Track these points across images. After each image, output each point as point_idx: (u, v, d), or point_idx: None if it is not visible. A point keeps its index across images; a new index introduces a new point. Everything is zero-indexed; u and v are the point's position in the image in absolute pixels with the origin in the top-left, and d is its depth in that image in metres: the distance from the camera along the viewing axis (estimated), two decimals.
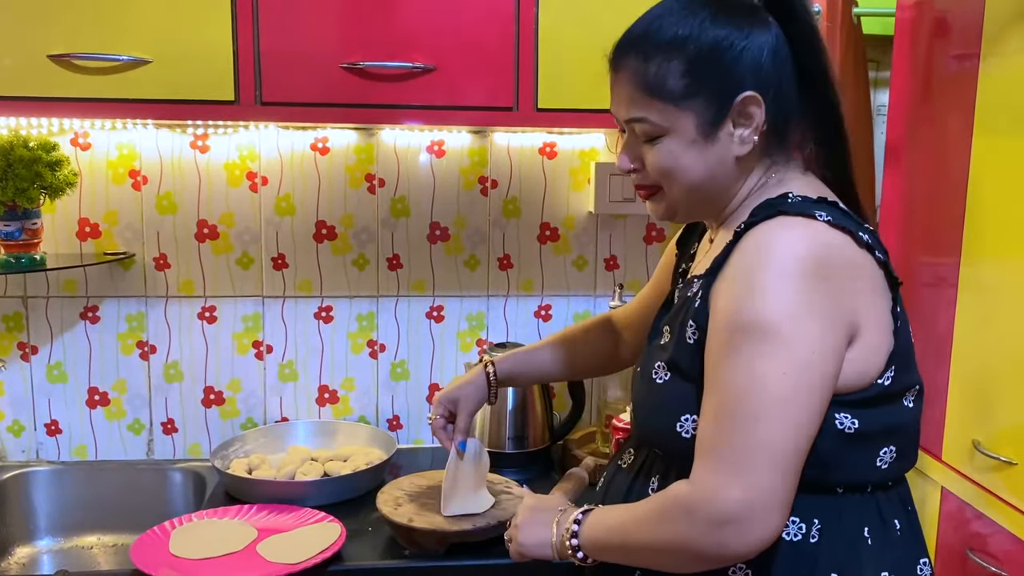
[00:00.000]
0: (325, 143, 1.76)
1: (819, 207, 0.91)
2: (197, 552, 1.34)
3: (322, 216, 1.78)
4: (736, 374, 0.85)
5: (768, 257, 0.87)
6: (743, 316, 0.86)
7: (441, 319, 1.85)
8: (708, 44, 0.94)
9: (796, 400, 0.84)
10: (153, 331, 1.79)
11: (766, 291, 0.85)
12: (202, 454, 1.83)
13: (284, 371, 1.83)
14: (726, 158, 0.97)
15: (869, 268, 0.92)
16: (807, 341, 0.85)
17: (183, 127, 1.72)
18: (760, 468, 0.83)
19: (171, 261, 1.77)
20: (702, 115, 0.95)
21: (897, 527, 0.97)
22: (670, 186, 0.99)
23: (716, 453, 0.86)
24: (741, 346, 0.85)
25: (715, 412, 0.87)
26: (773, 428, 0.84)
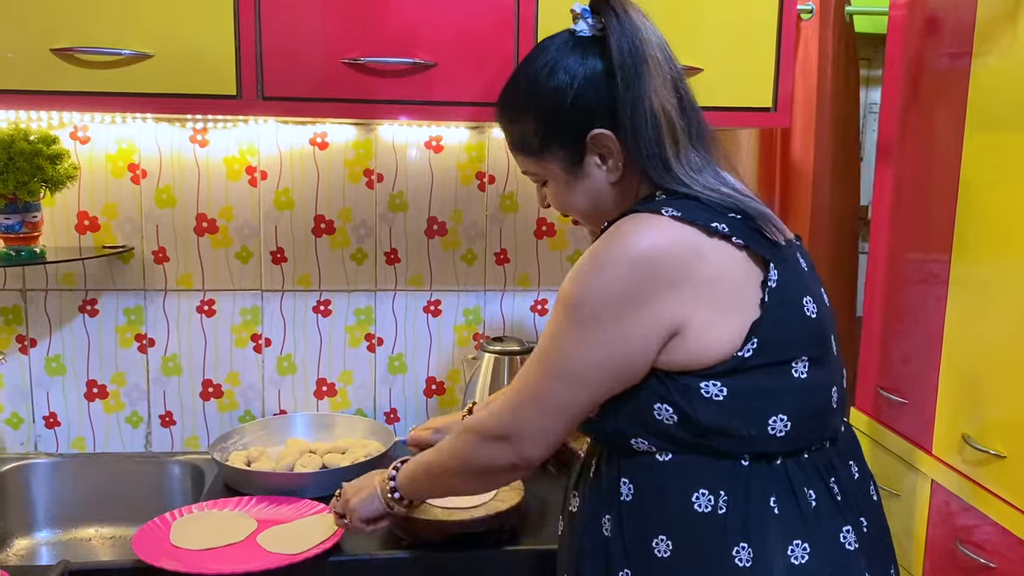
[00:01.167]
0: (324, 138, 1.77)
1: (672, 203, 1.00)
2: (198, 543, 1.36)
3: (321, 210, 1.79)
4: (545, 336, 1.02)
5: (598, 248, 0.98)
6: (562, 290, 1.00)
7: (439, 313, 1.86)
8: (546, 101, 1.05)
9: (575, 365, 0.99)
10: (152, 324, 1.79)
11: (585, 272, 0.98)
12: (200, 447, 1.84)
13: (282, 364, 1.84)
14: (601, 186, 1.07)
15: (720, 255, 0.98)
16: (610, 324, 0.96)
17: (182, 121, 1.73)
18: (529, 409, 1.02)
19: (170, 255, 1.78)
20: (563, 160, 1.07)
21: (812, 497, 1.00)
22: (573, 216, 1.13)
23: (512, 394, 1.05)
24: (556, 313, 1.01)
25: (528, 364, 1.04)
26: (555, 385, 1.01)
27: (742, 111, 1.47)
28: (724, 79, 1.44)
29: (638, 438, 1.01)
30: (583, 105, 1.03)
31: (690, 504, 0.98)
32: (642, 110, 1.01)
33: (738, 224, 1.00)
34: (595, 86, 1.03)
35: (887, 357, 1.75)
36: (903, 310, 1.71)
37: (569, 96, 1.03)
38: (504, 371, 1.72)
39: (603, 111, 1.03)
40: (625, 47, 1.01)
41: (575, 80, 1.03)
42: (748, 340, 0.97)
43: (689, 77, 1.41)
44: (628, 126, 1.01)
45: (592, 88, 1.03)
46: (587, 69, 1.03)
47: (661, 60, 1.03)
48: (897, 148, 1.74)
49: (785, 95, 1.43)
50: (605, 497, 1.05)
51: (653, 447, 1.01)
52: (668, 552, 0.99)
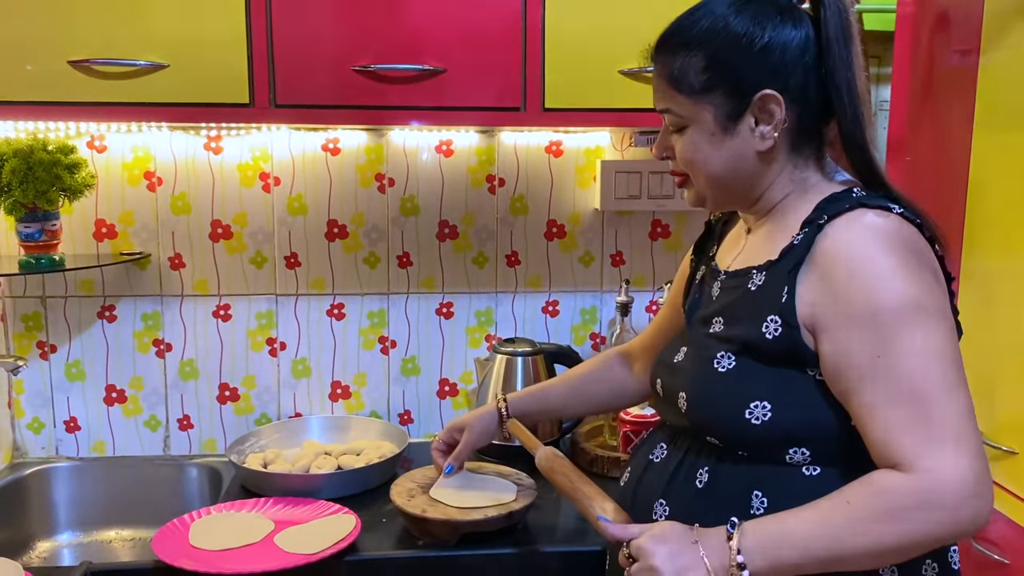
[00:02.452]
0: (336, 144, 1.79)
1: (886, 201, 0.94)
2: (216, 544, 1.37)
3: (333, 215, 1.81)
4: (907, 356, 0.86)
5: (875, 243, 0.90)
6: (886, 302, 0.87)
7: (451, 315, 1.88)
8: (728, 40, 0.97)
9: (960, 364, 0.89)
10: (169, 329, 1.82)
11: (896, 273, 0.88)
12: (217, 450, 1.86)
13: (297, 367, 1.86)
14: (746, 152, 1.00)
15: (935, 261, 0.95)
16: (944, 310, 0.90)
17: (196, 129, 1.75)
18: (973, 432, 0.86)
19: (186, 260, 1.80)
20: (720, 109, 0.99)
21: None
22: (695, 175, 1.04)
23: (924, 435, 0.85)
24: (899, 329, 0.87)
25: (896, 400, 0.86)
26: (963, 389, 0.87)
27: None
28: None
29: (799, 448, 0.95)
30: (769, 59, 0.97)
31: None
32: (853, 91, 0.96)
33: (934, 232, 0.97)
34: (785, 48, 0.97)
35: None
36: None
37: (758, 43, 0.96)
38: (516, 372, 1.73)
39: (782, 75, 0.97)
40: (837, 18, 0.96)
41: (767, 31, 0.97)
42: None
43: None
44: (844, 105, 0.96)
45: (782, 48, 0.97)
46: (783, 29, 0.97)
47: (859, 43, 0.98)
48: (906, 145, 1.73)
49: None
50: (723, 507, 0.97)
51: (810, 455, 0.96)
52: None
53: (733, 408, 0.97)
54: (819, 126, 1.02)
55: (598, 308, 1.91)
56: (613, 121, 1.60)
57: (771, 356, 0.96)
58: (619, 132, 1.84)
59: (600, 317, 1.92)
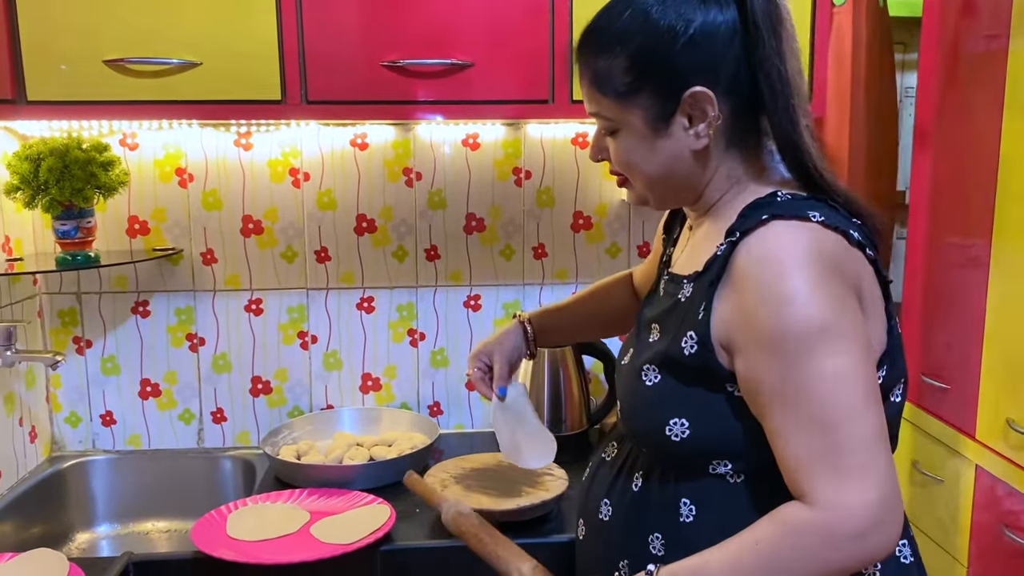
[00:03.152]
0: (364, 139, 1.80)
1: (811, 206, 0.90)
2: (254, 534, 1.39)
3: (362, 210, 1.83)
4: (811, 381, 0.84)
5: (785, 264, 0.85)
6: (791, 326, 0.84)
7: (478, 308, 1.89)
8: (650, 37, 0.92)
9: (871, 381, 0.86)
10: (202, 324, 1.84)
11: (801, 294, 0.84)
12: (250, 442, 1.88)
13: (329, 360, 1.88)
14: (681, 153, 0.95)
15: (862, 267, 0.91)
16: (855, 330, 0.86)
17: (227, 126, 1.77)
18: (878, 460, 0.83)
19: (218, 256, 1.82)
20: (649, 111, 0.94)
21: None
22: (632, 178, 1.00)
23: (827, 464, 0.83)
24: (802, 354, 0.84)
25: (802, 426, 0.84)
26: (870, 414, 0.84)
27: None
28: None
29: (721, 461, 0.95)
30: (694, 55, 0.91)
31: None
32: (782, 79, 0.90)
33: (863, 232, 0.92)
34: (712, 38, 0.90)
35: (928, 343, 1.74)
36: (944, 295, 1.70)
37: (682, 37, 0.90)
38: (544, 364, 1.74)
39: (711, 69, 0.91)
40: (764, 2, 0.90)
41: (691, 26, 0.90)
42: (879, 368, 0.92)
43: None
44: (768, 97, 0.90)
45: (708, 39, 0.90)
46: (708, 17, 0.91)
47: (791, 32, 0.93)
48: (935, 132, 1.73)
49: (820, 84, 1.43)
50: (652, 511, 0.99)
51: (732, 467, 0.95)
52: None
53: (655, 423, 0.96)
54: (756, 119, 0.96)
55: None
56: None
57: (689, 373, 0.94)
58: None
59: None
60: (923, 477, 1.73)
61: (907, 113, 2.43)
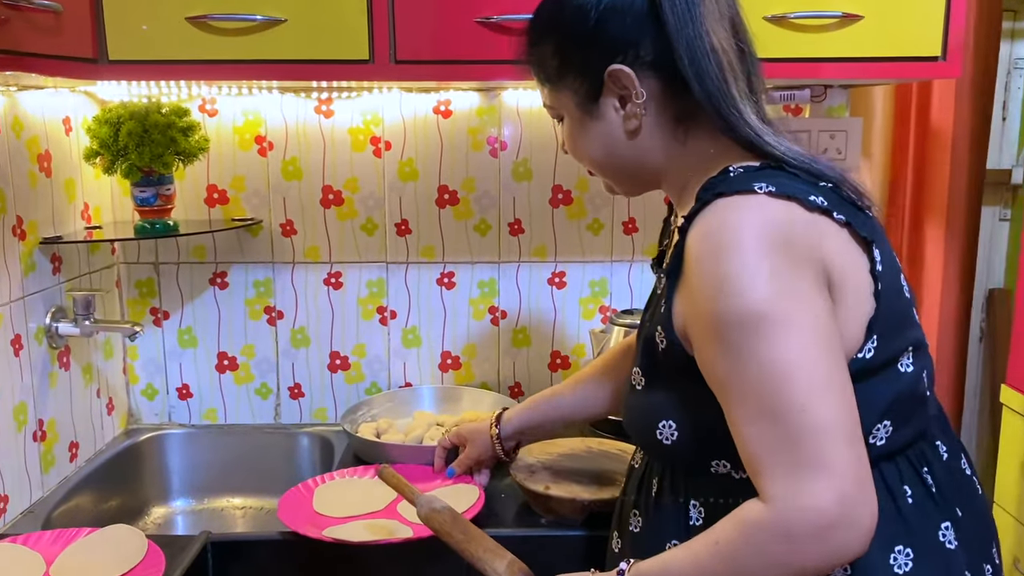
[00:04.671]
0: (448, 106, 1.73)
1: (760, 177, 0.85)
2: (340, 510, 1.35)
3: (444, 181, 1.76)
4: (755, 372, 0.79)
5: (723, 245, 0.81)
6: (728, 313, 0.80)
7: (563, 285, 1.81)
8: (567, 19, 0.93)
9: (827, 366, 0.79)
10: (280, 297, 1.80)
11: (738, 278, 0.79)
12: (328, 419, 1.85)
13: (407, 337, 1.83)
14: (616, 135, 0.95)
15: (827, 232, 0.85)
16: (804, 308, 0.80)
17: (308, 92, 1.71)
18: (834, 451, 0.77)
19: (297, 227, 1.78)
20: (578, 94, 0.95)
21: (909, 495, 0.89)
22: (583, 163, 1.01)
23: (779, 459, 0.78)
24: (743, 343, 0.79)
25: (751, 419, 0.80)
26: (825, 404, 0.78)
27: (907, 61, 1.34)
28: (886, 25, 1.32)
29: (719, 460, 0.90)
30: (605, 33, 0.91)
31: None
32: (702, 48, 0.87)
33: (832, 196, 0.87)
34: (624, 15, 0.90)
35: None
36: None
37: (591, 19, 0.91)
38: None
39: (629, 46, 0.90)
40: None
41: (602, 2, 0.90)
42: (868, 338, 0.86)
43: (847, 25, 1.33)
44: (687, 67, 0.87)
45: (620, 16, 0.90)
46: None
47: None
48: None
49: (956, 41, 1.30)
50: (668, 517, 0.96)
51: (729, 467, 0.90)
52: None
53: (645, 429, 0.95)
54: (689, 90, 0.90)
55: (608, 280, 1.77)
56: None
57: (668, 370, 0.92)
58: None
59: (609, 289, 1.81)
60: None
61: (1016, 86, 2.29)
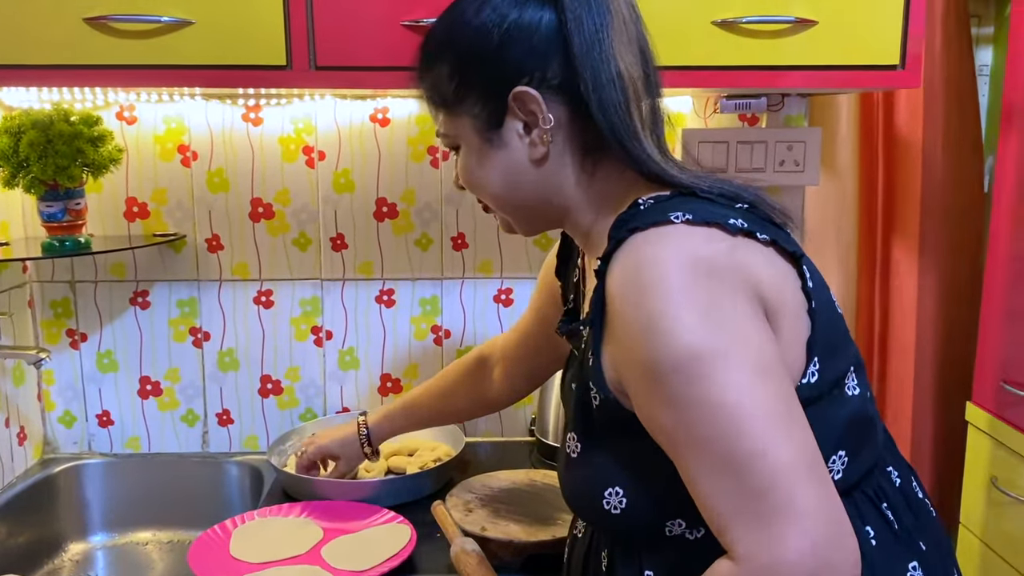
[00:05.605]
0: (385, 114, 1.63)
1: (674, 206, 0.79)
2: (259, 555, 1.25)
3: (382, 193, 1.66)
4: (702, 419, 0.71)
5: (646, 284, 0.74)
6: (662, 358, 0.72)
7: (510, 303, 1.72)
8: (467, 38, 0.87)
9: (777, 399, 0.72)
10: (206, 317, 1.69)
11: (666, 318, 0.72)
12: (259, 447, 1.74)
13: (344, 358, 1.72)
14: (519, 165, 0.87)
15: (754, 254, 0.79)
16: (742, 340, 0.73)
17: (234, 98, 1.60)
18: (800, 492, 0.68)
19: (224, 242, 1.67)
20: (478, 119, 0.88)
21: (872, 537, 0.81)
22: (482, 197, 0.93)
23: (744, 512, 0.70)
24: (683, 388, 0.71)
25: (707, 472, 0.72)
26: (783, 442, 0.70)
27: (864, 70, 1.26)
28: (843, 32, 1.23)
29: (674, 520, 0.82)
30: (509, 54, 0.85)
31: None
32: (607, 73, 0.82)
33: (750, 216, 0.81)
34: (530, 35, 0.84)
35: (1011, 347, 1.61)
36: None
37: (494, 39, 0.85)
38: None
39: (535, 68, 0.85)
40: None
41: (506, 20, 0.85)
42: (809, 361, 0.79)
43: (801, 31, 1.24)
44: (590, 93, 0.82)
45: (526, 36, 0.84)
46: (526, 12, 0.84)
47: (627, 18, 0.85)
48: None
49: (915, 50, 1.22)
50: None
51: (683, 525, 0.83)
52: None
53: (590, 499, 0.86)
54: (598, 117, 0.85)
55: None
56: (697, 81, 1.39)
57: (605, 431, 0.84)
58: (701, 96, 1.64)
59: None
60: (1001, 495, 1.62)
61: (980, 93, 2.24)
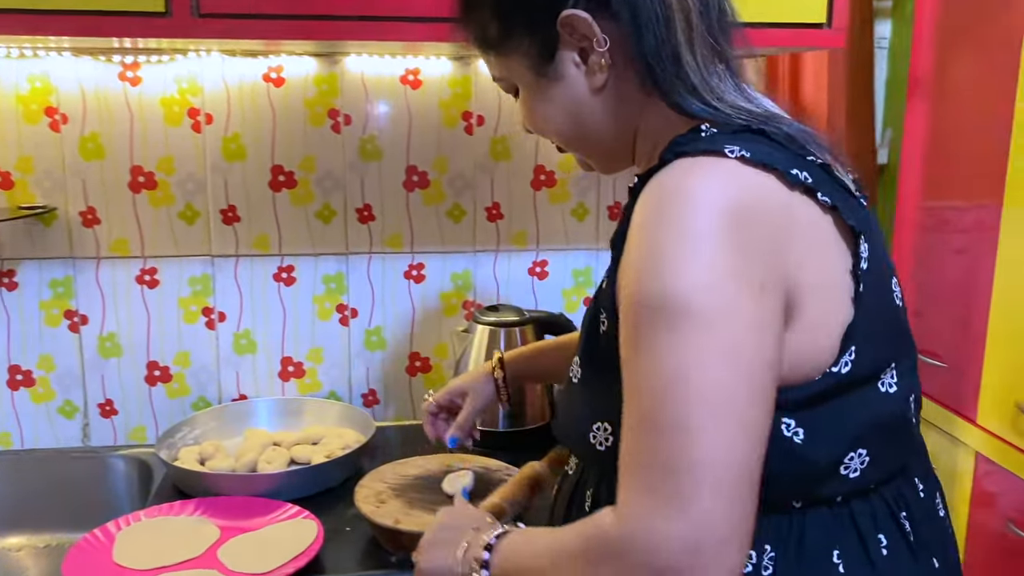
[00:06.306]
0: (279, 73, 1.52)
1: (735, 140, 0.72)
2: (147, 561, 1.14)
3: (279, 160, 1.55)
4: (651, 372, 0.66)
5: (668, 214, 0.68)
6: (646, 294, 0.66)
7: (422, 279, 1.64)
8: None
9: (734, 392, 0.65)
10: (83, 299, 1.55)
11: (670, 258, 0.66)
12: (147, 439, 1.62)
13: (240, 342, 1.61)
14: (580, 96, 0.82)
15: (807, 216, 0.72)
16: (732, 316, 0.65)
17: (108, 54, 1.46)
18: (702, 494, 0.63)
19: (101, 216, 1.53)
20: (530, 55, 0.83)
21: (883, 543, 0.77)
22: (551, 138, 0.89)
23: (643, 477, 0.65)
24: (650, 334, 0.66)
25: (635, 423, 0.67)
26: (711, 435, 0.64)
27: (787, 28, 1.22)
28: None
29: None
30: None
31: None
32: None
33: (819, 173, 0.74)
34: None
35: (921, 316, 1.63)
36: (941, 263, 1.61)
37: None
38: (500, 346, 1.49)
39: None
40: None
41: None
42: (845, 350, 0.72)
43: None
44: (626, 13, 0.77)
45: None
46: None
47: None
48: (935, 82, 1.61)
49: (841, 8, 1.19)
50: None
51: None
52: None
53: (578, 430, 0.83)
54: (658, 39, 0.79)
55: (593, 270, 1.69)
56: None
57: (605, 360, 0.77)
58: None
59: (595, 279, 1.69)
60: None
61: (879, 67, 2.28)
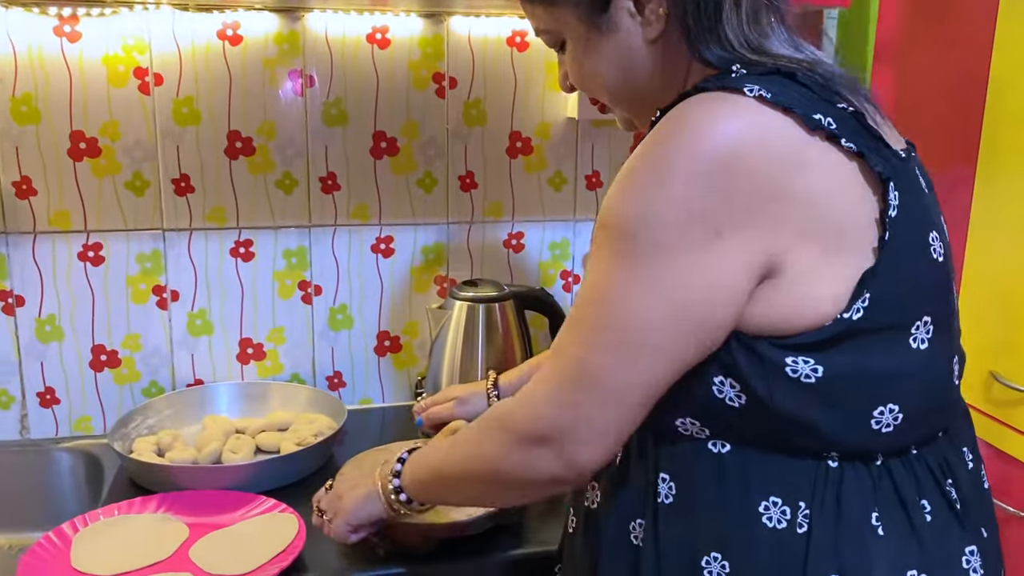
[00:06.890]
0: (236, 30, 1.41)
1: (759, 80, 0.72)
2: (109, 565, 1.05)
3: (235, 126, 1.45)
4: (586, 283, 0.76)
5: (658, 144, 0.71)
6: (605, 212, 0.73)
7: (391, 252, 1.56)
8: None
9: (646, 326, 0.72)
10: (18, 277, 1.43)
11: (637, 186, 0.71)
12: (94, 429, 1.50)
13: (194, 322, 1.51)
14: (635, 46, 0.82)
15: (826, 161, 0.72)
16: (672, 254, 0.70)
17: (42, 5, 1.34)
18: (587, 394, 0.74)
19: (38, 186, 1.40)
20: (580, 4, 0.83)
21: (926, 509, 0.76)
22: (598, 95, 0.89)
23: (548, 367, 0.77)
24: (596, 250, 0.75)
25: (566, 322, 0.78)
26: (599, 353, 0.73)
27: None
28: None
29: (685, 418, 0.77)
30: None
31: (756, 515, 0.74)
32: None
33: (847, 119, 0.73)
34: None
35: None
36: None
37: None
38: (478, 322, 1.43)
39: None
40: None
41: None
42: (857, 296, 0.71)
43: None
44: None
45: None
46: None
47: None
48: (903, 44, 1.59)
49: None
50: (636, 495, 0.82)
51: (704, 431, 0.77)
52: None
53: None
54: None
55: (570, 241, 1.64)
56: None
57: None
58: None
59: (572, 252, 1.64)
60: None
61: None
